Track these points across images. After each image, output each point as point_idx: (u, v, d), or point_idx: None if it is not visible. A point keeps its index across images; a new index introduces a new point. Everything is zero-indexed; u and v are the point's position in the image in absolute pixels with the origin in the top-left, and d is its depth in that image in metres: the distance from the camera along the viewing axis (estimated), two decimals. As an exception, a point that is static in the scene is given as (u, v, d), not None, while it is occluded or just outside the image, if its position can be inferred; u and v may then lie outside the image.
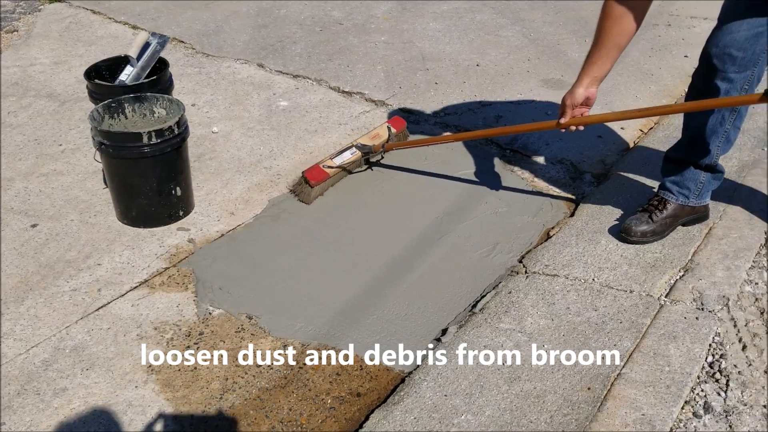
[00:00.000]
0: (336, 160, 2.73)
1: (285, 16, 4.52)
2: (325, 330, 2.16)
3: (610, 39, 2.06)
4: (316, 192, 2.68)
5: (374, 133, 2.86)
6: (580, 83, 2.15)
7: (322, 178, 2.67)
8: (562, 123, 2.23)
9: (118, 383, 1.97)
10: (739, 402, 1.79)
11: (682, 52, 3.96)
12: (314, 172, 2.67)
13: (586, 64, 2.14)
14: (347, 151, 2.77)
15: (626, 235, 2.34)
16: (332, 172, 2.70)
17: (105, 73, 2.80)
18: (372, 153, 2.80)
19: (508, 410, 1.78)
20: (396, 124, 2.95)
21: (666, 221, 2.34)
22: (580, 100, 2.17)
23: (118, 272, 2.37)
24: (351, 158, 2.75)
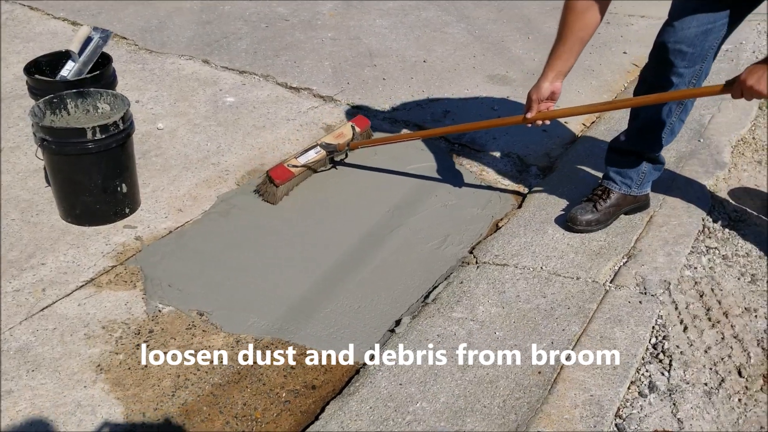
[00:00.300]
0: (301, 159, 2.70)
1: (230, 12, 4.47)
2: (278, 324, 2.15)
3: (573, 33, 2.07)
4: (282, 191, 2.65)
5: (338, 132, 2.84)
6: (545, 78, 2.15)
7: (287, 178, 2.64)
8: (528, 117, 2.24)
9: (65, 384, 1.92)
10: (682, 381, 1.86)
11: (621, 49, 4.08)
12: (279, 171, 2.64)
13: (550, 58, 2.14)
14: (312, 150, 2.74)
15: (572, 224, 2.40)
16: (297, 171, 2.67)
17: (45, 68, 2.73)
18: (336, 152, 2.78)
19: (462, 396, 1.80)
20: (360, 123, 2.94)
21: (609, 210, 2.41)
22: (545, 95, 2.18)
23: (63, 271, 2.31)
24: (316, 157, 2.73)
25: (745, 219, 2.48)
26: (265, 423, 1.85)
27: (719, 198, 2.59)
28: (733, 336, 1.99)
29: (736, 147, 2.92)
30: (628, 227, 2.43)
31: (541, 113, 2.23)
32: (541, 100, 2.19)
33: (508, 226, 2.51)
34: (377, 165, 2.93)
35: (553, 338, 1.97)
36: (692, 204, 2.53)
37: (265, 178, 2.66)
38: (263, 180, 2.68)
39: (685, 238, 2.37)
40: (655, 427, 1.73)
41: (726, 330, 2.01)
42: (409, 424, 1.73)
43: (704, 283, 2.18)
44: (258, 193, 2.68)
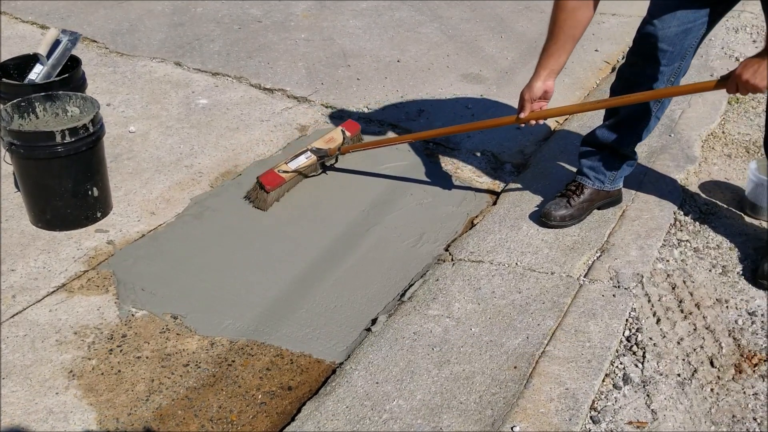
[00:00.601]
0: (291, 164, 2.66)
1: (201, 15, 4.44)
2: (253, 326, 2.13)
3: (564, 32, 2.04)
4: (273, 197, 2.60)
5: (329, 137, 2.80)
6: (537, 77, 2.13)
7: (278, 184, 2.59)
8: (521, 118, 2.21)
9: (37, 391, 1.89)
10: (656, 372, 1.87)
11: (593, 47, 4.11)
12: (270, 177, 2.59)
13: (542, 57, 2.12)
14: (302, 155, 2.70)
15: (546, 220, 2.41)
16: (288, 176, 2.63)
17: (13, 72, 2.69)
18: (327, 156, 2.75)
19: (439, 393, 1.80)
20: (350, 127, 2.91)
21: (583, 205, 2.43)
22: (538, 94, 2.15)
23: (33, 277, 2.27)
24: (306, 162, 2.69)
25: (715, 212, 2.52)
26: (241, 425, 1.83)
27: (690, 192, 2.63)
28: (705, 327, 2.01)
29: (706, 141, 2.96)
30: (601, 222, 2.45)
31: (534, 113, 2.20)
32: (534, 99, 2.16)
33: (483, 223, 2.52)
34: (352, 165, 2.93)
35: (528, 333, 1.98)
36: (664, 198, 2.56)
37: (256, 185, 2.61)
38: (253, 186, 2.62)
39: (657, 231, 2.39)
40: (629, 418, 1.75)
41: (698, 321, 2.03)
42: (385, 422, 1.73)
43: (676, 276, 2.21)
44: (248, 199, 2.63)
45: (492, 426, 1.70)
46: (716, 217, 2.49)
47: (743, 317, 2.04)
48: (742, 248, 2.32)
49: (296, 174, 2.68)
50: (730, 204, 2.55)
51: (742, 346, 1.94)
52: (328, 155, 2.75)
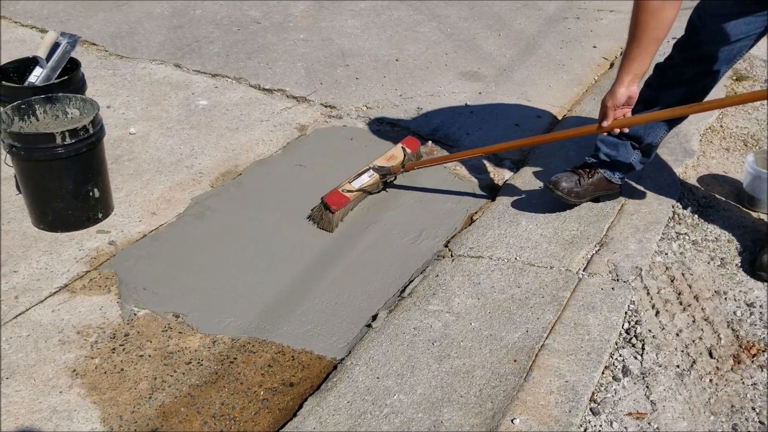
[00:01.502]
0: (354, 183, 2.61)
1: (201, 17, 4.46)
2: (255, 324, 2.14)
3: (648, 33, 1.96)
4: (338, 218, 2.54)
5: (389, 154, 2.75)
6: (620, 83, 2.04)
7: (343, 203, 2.53)
8: (604, 126, 2.13)
9: (40, 390, 1.90)
10: (655, 364, 1.88)
11: (591, 43, 4.13)
12: (334, 197, 2.53)
13: (624, 61, 2.03)
14: (365, 174, 2.65)
15: (553, 188, 2.38)
16: (352, 196, 2.57)
17: (13, 75, 2.71)
18: (391, 174, 2.69)
19: (439, 387, 1.82)
20: (410, 144, 2.83)
21: (589, 188, 2.42)
22: (622, 101, 2.07)
23: (35, 278, 2.29)
24: (369, 181, 2.63)
25: (714, 205, 2.53)
26: (244, 422, 1.84)
27: (689, 185, 2.64)
28: (704, 319, 2.02)
29: (704, 135, 2.97)
30: (600, 216, 2.46)
31: (617, 121, 2.12)
32: (618, 106, 2.08)
33: (483, 219, 2.53)
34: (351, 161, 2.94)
35: (528, 327, 1.99)
36: (662, 192, 2.57)
37: (320, 205, 2.54)
38: (317, 207, 2.56)
39: (656, 225, 2.40)
40: (629, 409, 1.76)
41: (697, 313, 2.04)
42: (387, 416, 1.74)
43: (675, 268, 2.22)
44: (312, 220, 2.56)
45: (492, 419, 1.71)
46: (714, 210, 2.50)
47: (742, 308, 2.05)
48: (741, 240, 2.33)
49: (359, 193, 2.62)
50: (729, 197, 2.56)
51: (741, 337, 1.95)
52: (392, 173, 2.68)
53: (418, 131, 3.17)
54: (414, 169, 2.71)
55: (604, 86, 3.45)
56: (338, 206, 2.51)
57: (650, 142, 2.40)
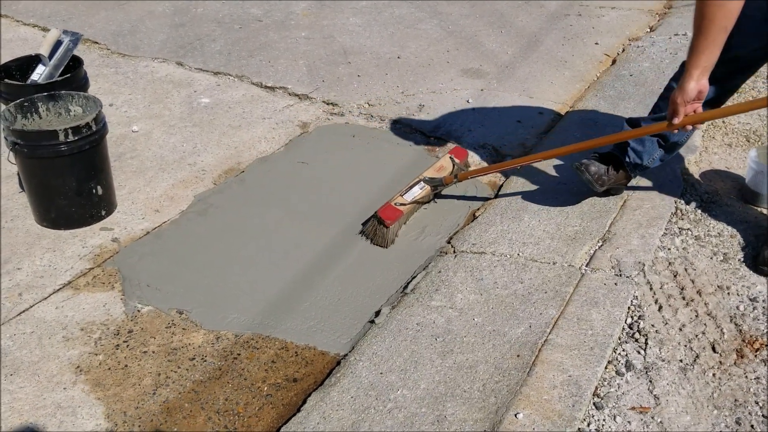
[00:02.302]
0: (407, 196, 2.56)
1: (202, 15, 4.46)
2: (258, 320, 2.15)
3: (715, 24, 1.89)
4: (393, 232, 2.48)
5: (438, 165, 2.72)
6: (689, 77, 1.97)
7: (397, 217, 2.48)
8: (675, 124, 2.06)
9: (44, 386, 1.91)
10: (658, 358, 1.88)
11: (593, 40, 4.12)
12: (388, 211, 2.48)
13: (692, 55, 1.97)
14: (416, 186, 2.61)
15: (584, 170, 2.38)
16: (405, 209, 2.53)
17: (15, 73, 2.71)
18: (443, 185, 2.65)
19: (442, 382, 1.82)
20: (458, 154, 2.79)
21: (612, 179, 2.42)
22: (692, 96, 2.00)
23: (39, 275, 2.29)
24: (421, 193, 2.59)
25: (716, 200, 2.52)
26: (248, 417, 1.85)
27: (691, 181, 2.63)
28: (707, 313, 2.02)
29: (706, 131, 2.97)
30: (602, 212, 2.46)
31: (688, 118, 2.05)
32: (688, 102, 2.01)
33: (485, 215, 2.53)
34: (353, 159, 2.95)
35: (531, 322, 1.99)
36: (665, 187, 2.57)
37: (374, 220, 2.49)
38: (371, 222, 2.50)
39: (659, 220, 2.40)
40: (632, 404, 1.76)
41: (700, 308, 2.04)
42: (390, 411, 1.75)
43: (678, 264, 2.22)
44: (365, 235, 2.50)
45: (496, 413, 1.71)
46: (717, 205, 2.50)
47: (744, 303, 2.05)
48: (743, 235, 2.33)
49: (412, 205, 2.57)
50: (731, 192, 2.56)
51: (744, 331, 1.95)
52: (444, 184, 2.64)
53: (420, 128, 3.17)
54: (468, 178, 2.66)
55: (607, 83, 3.46)
56: (392, 220, 2.45)
57: (676, 140, 2.39)
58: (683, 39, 3.90)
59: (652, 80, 3.43)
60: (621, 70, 3.61)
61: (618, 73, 3.58)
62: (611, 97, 3.30)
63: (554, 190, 2.60)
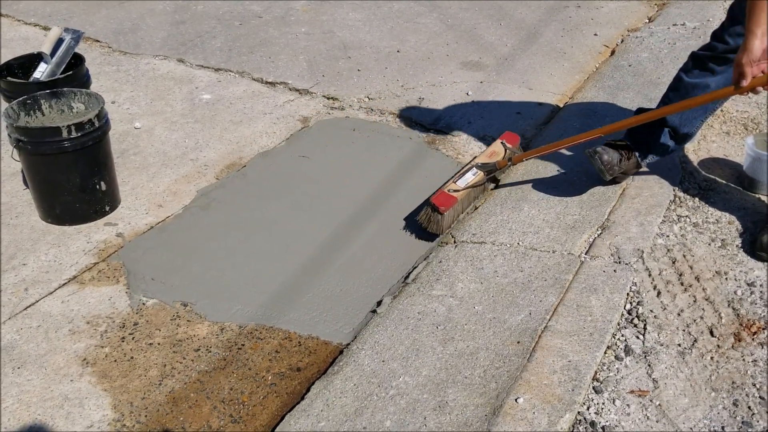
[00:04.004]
0: (460, 182, 2.54)
1: (203, 12, 4.48)
2: (261, 311, 2.18)
3: None
4: (448, 219, 2.47)
5: (490, 151, 2.71)
6: (752, 36, 1.90)
7: (451, 204, 2.46)
8: (744, 87, 2.00)
9: (52, 378, 1.94)
10: (656, 343, 1.91)
11: (592, 31, 4.13)
12: (441, 198, 2.47)
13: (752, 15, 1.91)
14: (468, 172, 2.59)
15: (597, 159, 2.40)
16: (459, 195, 2.51)
17: (17, 71, 2.74)
18: (497, 170, 2.63)
19: (444, 369, 1.84)
20: (510, 139, 2.76)
21: (622, 168, 2.45)
22: (758, 54, 1.93)
23: (44, 270, 2.32)
24: (474, 179, 2.57)
25: (714, 188, 2.54)
26: (252, 406, 1.88)
27: (689, 169, 2.65)
28: (705, 298, 2.04)
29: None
30: (601, 200, 2.48)
31: (757, 79, 1.98)
32: (754, 62, 1.94)
33: (486, 205, 2.55)
34: (354, 151, 2.97)
35: (531, 309, 2.01)
36: (663, 175, 2.59)
37: (427, 208, 2.48)
38: (424, 210, 2.49)
39: (657, 208, 2.42)
40: (631, 387, 1.78)
41: (698, 293, 2.06)
42: (392, 398, 1.77)
43: (676, 250, 2.24)
44: (420, 222, 2.49)
45: (496, 398, 1.74)
46: (715, 192, 2.51)
47: (742, 288, 2.07)
48: (741, 222, 2.35)
49: (467, 191, 2.55)
50: (729, 180, 2.58)
51: (742, 315, 1.97)
52: (498, 168, 2.62)
53: (420, 121, 3.19)
54: (522, 161, 2.64)
55: (606, 73, 3.47)
56: (446, 207, 2.44)
57: (687, 131, 2.41)
58: (681, 29, 3.91)
59: (651, 70, 3.45)
60: (620, 60, 3.62)
61: (617, 63, 3.59)
62: (610, 87, 3.31)
63: (553, 180, 2.62)
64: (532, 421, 1.66)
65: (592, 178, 2.57)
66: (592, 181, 2.56)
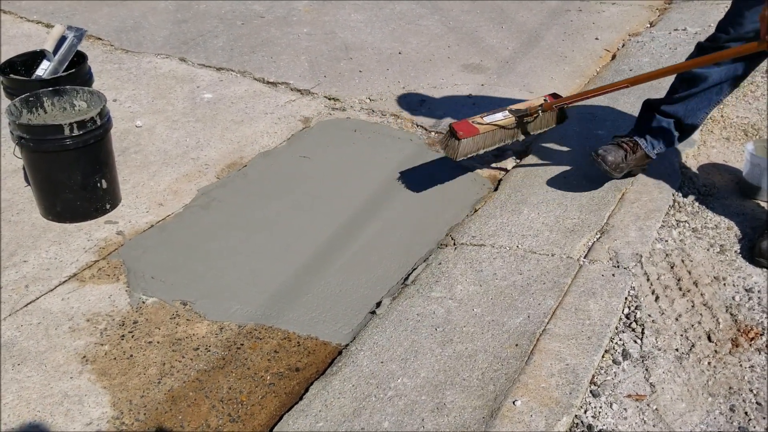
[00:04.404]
0: (486, 118, 2.54)
1: (205, 11, 4.49)
2: (261, 311, 2.18)
3: None
4: (464, 148, 2.47)
5: (527, 104, 2.67)
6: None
7: (471, 133, 2.46)
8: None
9: (51, 376, 1.94)
10: (654, 347, 1.91)
11: (593, 35, 4.14)
12: (463, 125, 2.47)
13: None
14: (499, 113, 2.57)
15: (601, 161, 2.44)
16: (482, 128, 2.49)
17: (20, 68, 2.74)
18: (528, 115, 2.58)
19: (442, 371, 1.85)
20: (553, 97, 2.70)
21: (631, 163, 2.49)
22: None
23: (45, 268, 2.33)
24: (502, 120, 2.54)
25: (713, 193, 2.55)
26: (251, 405, 1.88)
27: (689, 174, 2.66)
28: (703, 304, 2.05)
29: (704, 125, 2.99)
30: (601, 204, 2.49)
31: None
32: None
33: (485, 208, 2.56)
34: (354, 153, 2.98)
35: (529, 312, 2.02)
36: (663, 180, 2.60)
37: (447, 132, 2.51)
38: (445, 134, 2.53)
39: (656, 212, 2.43)
40: (628, 392, 1.79)
41: (696, 298, 2.07)
42: (390, 399, 1.78)
43: (675, 255, 2.25)
44: (440, 144, 2.57)
45: (494, 401, 1.74)
46: (714, 198, 2.52)
47: (740, 294, 2.08)
48: (740, 227, 2.36)
49: (491, 129, 2.52)
50: (728, 185, 2.58)
51: (739, 321, 1.98)
52: (529, 113, 2.58)
53: (421, 123, 3.20)
54: (553, 108, 2.60)
55: (606, 78, 3.48)
56: (465, 134, 2.44)
57: (691, 122, 2.47)
58: (683, 34, 3.92)
59: (652, 75, 3.45)
60: (621, 65, 3.64)
61: (618, 68, 3.60)
62: (611, 91, 3.32)
63: (553, 183, 2.62)
64: (529, 424, 1.67)
65: (592, 182, 2.58)
66: (592, 184, 2.57)
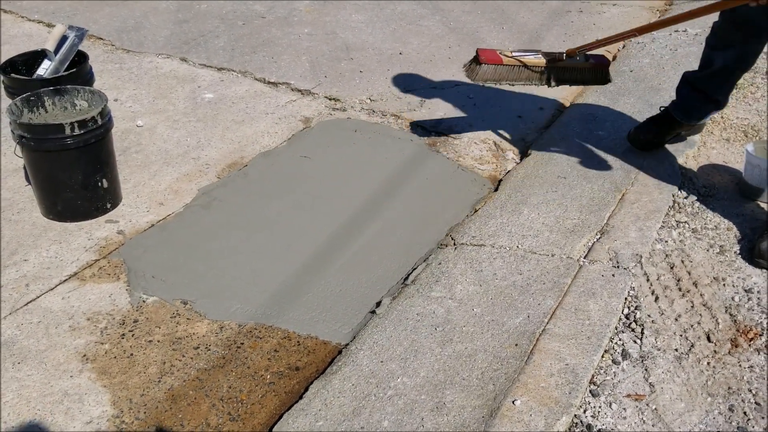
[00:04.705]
0: (515, 54, 2.61)
1: (206, 11, 4.50)
2: (261, 310, 2.18)
3: None
4: (483, 72, 2.56)
5: None
6: None
7: (493, 61, 2.55)
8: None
9: (51, 374, 1.95)
10: (653, 347, 1.92)
11: (594, 36, 4.13)
12: (488, 53, 2.57)
13: None
14: (530, 53, 2.64)
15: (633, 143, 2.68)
16: (506, 61, 2.56)
17: (21, 68, 2.74)
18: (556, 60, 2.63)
19: (442, 370, 1.85)
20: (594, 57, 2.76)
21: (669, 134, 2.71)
22: None
23: (45, 267, 2.33)
24: (531, 59, 2.60)
25: (713, 194, 2.55)
26: (251, 404, 1.89)
27: (689, 175, 2.66)
28: (702, 304, 2.05)
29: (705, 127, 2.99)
30: (601, 205, 2.49)
31: None
32: None
33: (485, 208, 2.56)
34: (355, 153, 2.98)
35: (529, 312, 2.02)
36: (663, 181, 2.60)
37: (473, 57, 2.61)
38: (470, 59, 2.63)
39: (656, 213, 2.43)
40: (627, 391, 1.79)
41: (695, 299, 2.07)
42: (390, 398, 1.78)
43: (675, 256, 2.25)
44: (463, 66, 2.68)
45: (494, 400, 1.75)
46: (714, 199, 2.53)
47: (740, 294, 2.08)
48: (740, 228, 2.36)
49: (516, 64, 2.58)
50: (728, 186, 2.59)
51: (739, 321, 1.99)
52: (556, 59, 2.66)
53: (421, 123, 3.21)
54: (575, 54, 2.66)
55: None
56: (487, 61, 2.54)
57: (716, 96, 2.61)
58: (683, 36, 3.93)
59: (652, 76, 3.46)
60: (621, 66, 3.64)
61: (618, 69, 3.60)
62: (611, 92, 3.33)
63: (553, 184, 2.63)
64: (528, 424, 1.68)
65: (592, 183, 2.58)
66: (592, 185, 2.57)
